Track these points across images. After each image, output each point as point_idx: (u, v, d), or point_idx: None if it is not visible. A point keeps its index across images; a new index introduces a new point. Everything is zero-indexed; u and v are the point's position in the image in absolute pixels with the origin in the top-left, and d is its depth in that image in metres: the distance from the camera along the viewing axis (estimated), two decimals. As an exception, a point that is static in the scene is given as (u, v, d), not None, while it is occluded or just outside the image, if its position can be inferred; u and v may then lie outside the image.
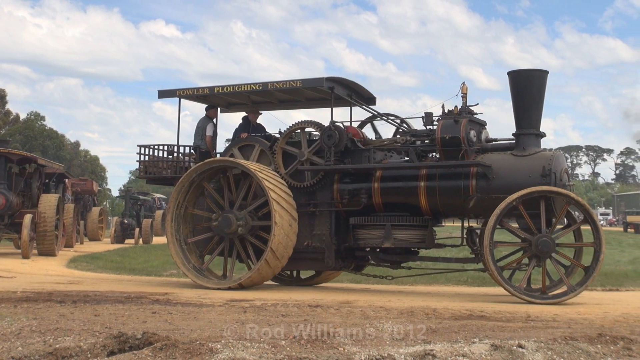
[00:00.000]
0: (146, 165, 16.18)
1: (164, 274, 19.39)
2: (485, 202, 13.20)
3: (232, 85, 15.29)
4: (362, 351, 7.06)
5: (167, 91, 16.21)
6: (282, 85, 14.84)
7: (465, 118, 13.48)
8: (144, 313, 10.25)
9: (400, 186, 14.08)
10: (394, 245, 13.75)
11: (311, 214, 14.49)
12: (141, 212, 41.15)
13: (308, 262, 14.87)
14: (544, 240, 12.43)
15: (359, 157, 14.36)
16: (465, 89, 13.79)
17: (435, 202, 13.74)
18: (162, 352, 6.90)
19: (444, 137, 13.40)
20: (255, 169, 14.06)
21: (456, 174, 13.55)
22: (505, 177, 13.20)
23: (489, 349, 7.12)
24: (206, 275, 14.72)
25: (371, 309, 11.01)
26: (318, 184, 14.47)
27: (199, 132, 16.13)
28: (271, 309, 10.94)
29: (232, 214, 14.38)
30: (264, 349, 7.05)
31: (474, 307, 11.34)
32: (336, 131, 14.20)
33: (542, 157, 13.25)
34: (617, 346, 7.45)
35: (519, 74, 13.46)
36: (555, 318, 10.17)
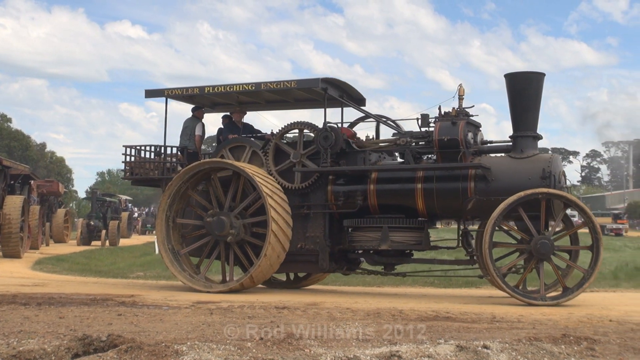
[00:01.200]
0: (132, 167, 15.77)
1: (131, 276, 19.29)
2: (484, 204, 13.18)
3: (224, 85, 15.01)
4: (328, 352, 7.06)
5: (155, 91, 15.91)
6: (276, 86, 14.62)
7: (463, 120, 13.45)
8: (109, 315, 10.18)
9: (396, 188, 13.98)
10: (391, 248, 13.66)
11: (304, 216, 14.29)
12: (108, 214, 40.88)
13: (301, 265, 14.74)
14: (544, 242, 12.46)
15: (354, 158, 14.24)
16: (462, 90, 13.72)
17: (432, 204, 13.67)
18: (127, 354, 6.86)
19: (442, 139, 13.32)
20: (253, 173, 13.82)
21: (454, 176, 13.50)
22: (504, 179, 13.20)
23: (454, 350, 7.15)
24: (199, 279, 14.48)
25: (338, 310, 11.02)
26: (312, 185, 14.29)
27: (186, 132, 15.77)
28: (238, 310, 10.92)
29: (227, 217, 14.17)
30: (229, 351, 7.04)
31: (440, 308, 11.38)
32: (332, 132, 14.04)
33: (541, 159, 13.30)
34: (580, 346, 7.52)
35: (516, 76, 13.47)
36: (520, 319, 10.23)
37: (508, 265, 13.16)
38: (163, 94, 15.56)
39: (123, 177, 16.42)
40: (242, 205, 14.25)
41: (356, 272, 15.13)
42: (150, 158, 15.79)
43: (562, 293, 12.53)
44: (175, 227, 14.77)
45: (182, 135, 15.82)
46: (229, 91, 15.02)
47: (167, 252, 14.54)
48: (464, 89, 13.76)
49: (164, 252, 14.53)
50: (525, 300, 12.37)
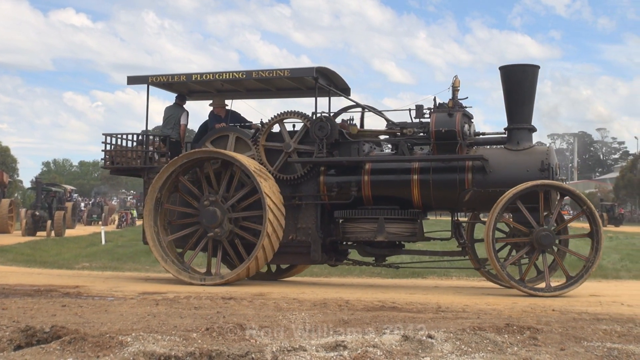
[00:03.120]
0: (112, 156, 15.22)
1: (76, 266, 19.08)
2: (481, 195, 13.26)
3: (212, 73, 14.68)
4: (274, 343, 7.07)
5: (137, 77, 15.50)
6: (268, 74, 14.45)
7: (459, 111, 13.42)
8: (53, 306, 10.08)
9: (391, 179, 13.89)
10: (387, 239, 13.60)
11: (296, 207, 14.09)
12: (53, 204, 40.34)
13: (293, 256, 14.49)
14: (545, 234, 12.54)
15: (347, 149, 14.02)
16: (457, 82, 13.68)
17: (428, 195, 13.63)
18: (70, 345, 6.81)
19: (440, 130, 13.27)
20: (249, 164, 13.61)
21: (451, 168, 13.50)
22: (501, 171, 13.25)
23: (399, 340, 7.20)
24: (188, 271, 14.14)
25: (284, 300, 11.03)
26: (304, 176, 14.09)
27: (170, 120, 15.37)
28: (184, 301, 10.87)
29: (219, 210, 13.89)
30: (174, 342, 7.01)
31: (386, 299, 11.45)
32: (327, 122, 13.85)
33: (538, 151, 13.42)
34: (523, 336, 7.62)
35: (511, 69, 13.52)
36: (465, 309, 10.35)
37: (512, 259, 13.13)
38: (147, 80, 15.11)
39: (103, 166, 15.87)
40: (238, 196, 13.97)
41: (345, 264, 14.96)
42: (134, 147, 15.26)
43: (566, 282, 12.57)
44: (163, 216, 14.34)
45: (166, 123, 15.43)
46: (218, 79, 14.73)
47: (155, 244, 14.14)
48: (459, 81, 13.71)
49: (152, 244, 14.11)
50: (528, 291, 12.40)
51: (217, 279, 13.79)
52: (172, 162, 14.08)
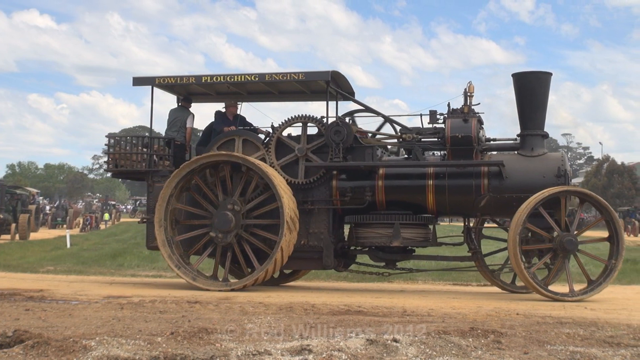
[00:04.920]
0: (116, 158, 14.76)
1: (41, 270, 18.92)
2: (497, 201, 13.28)
3: (224, 75, 14.39)
4: (239, 347, 7.07)
5: (143, 78, 15.06)
6: (282, 77, 14.18)
7: (474, 117, 13.41)
8: (16, 310, 10.00)
9: (406, 184, 13.82)
10: (402, 245, 13.53)
11: (307, 212, 13.87)
12: (18, 207, 39.96)
13: (305, 262, 14.19)
14: (569, 239, 12.55)
15: (361, 154, 13.91)
16: (472, 88, 13.63)
17: (443, 201, 13.60)
18: (33, 350, 6.76)
19: (456, 135, 13.29)
20: (265, 167, 13.44)
21: (467, 173, 13.50)
22: (517, 176, 13.27)
23: (364, 344, 7.23)
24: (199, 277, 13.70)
25: (250, 304, 11.01)
26: (317, 180, 13.90)
27: (175, 123, 15.01)
28: (149, 305, 10.82)
29: (230, 212, 13.58)
30: (139, 346, 6.99)
31: (352, 302, 11.46)
32: (344, 127, 13.73)
33: (553, 157, 13.48)
34: (487, 339, 7.67)
35: (524, 76, 13.57)
36: (430, 313, 10.38)
37: (537, 265, 12.96)
38: (153, 81, 14.76)
39: (106, 169, 15.41)
40: (257, 200, 13.69)
41: (352, 270, 14.85)
42: (139, 149, 14.88)
43: (588, 287, 12.59)
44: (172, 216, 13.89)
45: (171, 126, 15.06)
46: (229, 81, 14.41)
47: (167, 249, 13.70)
48: (473, 87, 13.66)
49: (164, 250, 13.69)
50: (551, 296, 12.41)
51: (235, 284, 13.50)
52: (191, 163, 13.73)
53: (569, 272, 12.76)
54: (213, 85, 14.98)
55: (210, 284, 13.51)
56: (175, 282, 15.73)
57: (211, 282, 13.66)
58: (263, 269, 13.27)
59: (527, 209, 12.41)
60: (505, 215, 14.04)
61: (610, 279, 12.56)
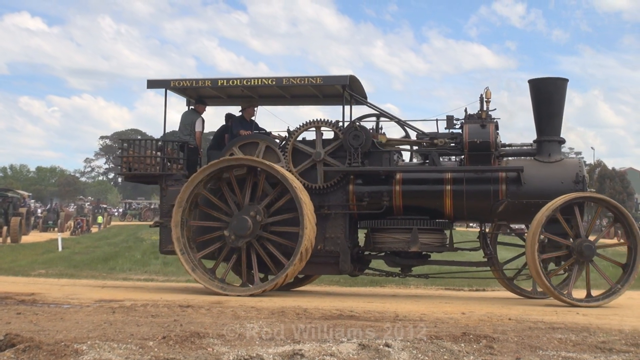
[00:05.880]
0: (130, 162, 14.64)
1: (32, 273, 18.87)
2: (515, 206, 13.27)
3: (240, 78, 14.38)
4: (231, 351, 7.06)
5: (157, 81, 14.94)
6: (299, 81, 14.10)
7: (492, 122, 13.42)
8: (8, 314, 9.97)
9: (424, 189, 13.79)
10: (420, 250, 13.51)
11: (324, 217, 13.78)
12: (9, 210, 39.86)
13: (321, 267, 14.11)
14: (587, 245, 12.56)
15: (378, 158, 13.86)
16: (489, 93, 13.61)
17: (461, 206, 13.57)
18: (25, 353, 6.74)
19: (474, 141, 13.31)
20: (296, 184, 13.29)
21: (485, 178, 13.50)
22: (536, 182, 13.28)
23: (356, 349, 7.23)
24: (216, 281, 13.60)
25: (242, 309, 10.99)
26: (333, 185, 13.84)
27: (186, 127, 14.89)
28: (141, 309, 10.80)
29: (246, 215, 13.46)
30: (131, 350, 6.97)
31: (345, 307, 11.45)
32: (362, 132, 13.69)
33: (571, 163, 13.54)
34: (480, 344, 7.68)
35: (541, 82, 13.59)
36: (422, 317, 10.38)
37: (556, 270, 13.05)
38: (167, 85, 14.62)
39: (119, 172, 15.26)
40: (277, 205, 13.60)
41: (372, 275, 14.78)
42: (152, 153, 14.75)
43: (606, 292, 12.59)
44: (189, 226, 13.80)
45: (182, 129, 14.95)
46: (246, 85, 14.39)
47: (184, 253, 13.59)
48: (490, 92, 13.64)
49: (180, 253, 13.56)
50: (570, 302, 12.40)
51: (242, 290, 13.38)
52: (211, 166, 13.61)
53: (588, 278, 12.79)
54: (225, 89, 14.94)
55: (229, 289, 13.47)
56: (167, 286, 15.73)
57: (229, 287, 13.62)
58: (283, 273, 13.23)
59: (546, 215, 12.44)
60: (522, 221, 14.14)
61: (629, 283, 12.61)
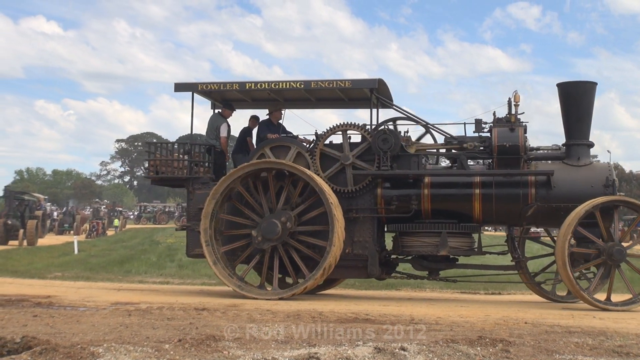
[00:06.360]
0: (157, 165, 14.61)
1: (48, 276, 18.94)
2: (545, 210, 13.25)
3: (268, 82, 14.31)
4: (247, 354, 7.07)
5: (185, 84, 14.88)
6: (328, 85, 14.08)
7: (521, 126, 13.39)
8: (24, 316, 10.00)
9: (453, 193, 13.74)
10: (449, 254, 13.50)
11: (352, 220, 13.73)
12: (26, 213, 40.05)
13: (349, 271, 14.01)
14: (618, 249, 12.54)
15: (407, 162, 13.80)
16: (517, 97, 13.58)
17: (490, 210, 13.54)
18: (41, 356, 6.76)
19: (504, 145, 13.30)
20: (328, 191, 13.26)
21: (514, 182, 13.46)
22: (565, 186, 13.26)
23: (372, 352, 7.21)
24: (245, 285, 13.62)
25: (258, 312, 10.99)
26: (361, 189, 13.76)
27: (212, 131, 14.93)
28: (156, 312, 10.81)
29: (277, 219, 13.42)
30: (147, 353, 6.98)
31: (360, 310, 11.44)
32: (391, 135, 13.65)
33: (600, 167, 13.48)
34: (496, 348, 7.65)
35: (570, 85, 13.58)
36: (438, 321, 10.35)
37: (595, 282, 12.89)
38: (194, 88, 14.66)
39: (146, 175, 15.23)
40: (309, 215, 13.57)
41: (400, 278, 14.74)
42: (179, 156, 14.70)
43: (635, 296, 12.56)
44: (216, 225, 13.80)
45: (208, 133, 15.00)
46: (274, 88, 14.35)
47: (213, 258, 13.57)
48: (519, 96, 13.62)
49: (211, 259, 13.57)
50: (600, 306, 12.37)
51: (272, 294, 13.36)
52: (252, 164, 13.63)
53: (611, 282, 12.70)
54: (250, 92, 14.93)
55: (246, 289, 13.47)
56: (182, 289, 15.75)
57: (247, 286, 13.60)
58: (302, 285, 13.27)
59: (576, 218, 12.41)
60: (551, 224, 14.03)
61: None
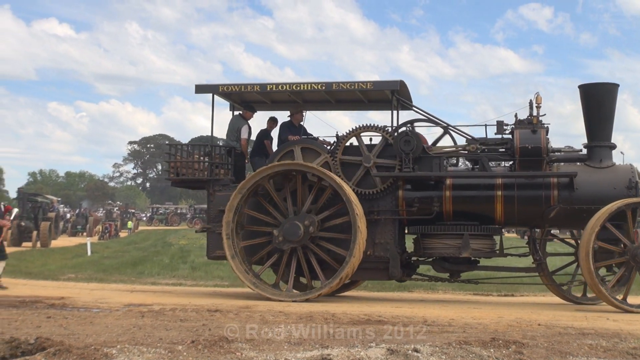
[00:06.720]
0: (178, 167, 14.58)
1: (62, 277, 19.00)
2: (567, 212, 13.19)
3: (290, 83, 14.23)
4: (260, 356, 7.07)
5: (205, 86, 14.89)
6: (350, 86, 14.03)
7: (543, 128, 13.33)
8: (38, 318, 10.04)
9: (474, 195, 13.68)
10: (471, 255, 13.45)
11: (373, 222, 13.66)
12: (39, 215, 40.16)
13: (370, 273, 13.99)
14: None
15: (428, 164, 13.70)
16: (539, 99, 13.51)
17: (512, 212, 13.47)
18: (55, 357, 6.78)
19: (526, 146, 13.23)
20: (350, 193, 13.22)
21: (536, 184, 13.40)
22: (588, 188, 13.19)
23: (385, 353, 7.21)
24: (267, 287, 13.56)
25: (270, 313, 10.99)
26: (383, 191, 13.67)
27: (233, 132, 14.84)
28: (169, 313, 10.83)
29: (300, 222, 13.39)
30: (160, 354, 6.99)
31: (372, 312, 11.43)
32: (413, 137, 13.55)
33: (623, 169, 13.43)
34: (509, 350, 7.63)
35: (593, 87, 13.54)
36: (451, 323, 10.33)
37: (614, 279, 12.79)
38: (217, 90, 14.54)
39: (167, 177, 15.21)
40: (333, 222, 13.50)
41: (421, 280, 14.64)
42: (200, 158, 14.72)
43: None
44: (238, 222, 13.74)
45: (229, 135, 14.92)
46: (295, 90, 14.27)
47: (234, 259, 13.54)
48: (541, 98, 13.55)
49: (232, 260, 13.54)
50: (626, 308, 12.33)
51: (297, 296, 13.36)
52: (281, 164, 13.62)
53: (631, 283, 12.70)
54: (270, 94, 14.90)
55: (260, 287, 13.47)
56: (195, 290, 15.77)
57: (262, 284, 13.58)
58: (317, 291, 13.25)
59: (600, 220, 12.35)
60: (573, 226, 14.05)
61: None
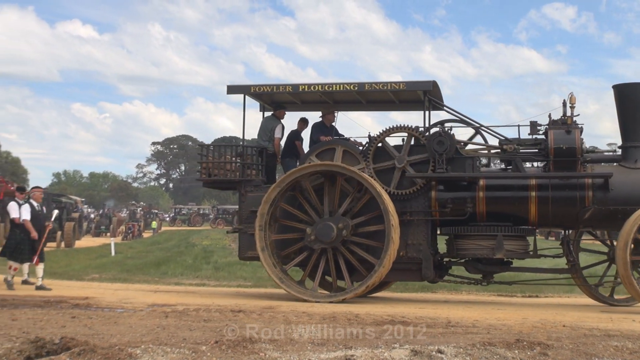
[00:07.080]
0: (210, 167, 14.60)
1: (86, 278, 19.11)
2: (602, 213, 13.12)
3: (322, 84, 14.25)
4: (283, 356, 7.06)
5: (237, 87, 14.92)
6: (382, 87, 14.01)
7: (577, 128, 13.28)
8: (63, 318, 10.09)
9: (508, 196, 13.59)
10: (505, 257, 13.42)
11: (406, 223, 13.62)
12: (63, 215, 40.40)
13: (403, 274, 13.96)
14: None
15: (461, 164, 13.64)
16: (573, 99, 13.45)
17: (546, 213, 13.39)
18: (80, 357, 6.81)
19: (561, 147, 13.18)
20: (385, 197, 13.19)
21: (571, 185, 13.33)
22: (623, 189, 13.11)
23: (408, 354, 7.18)
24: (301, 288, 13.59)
25: (294, 314, 10.99)
26: (416, 192, 13.63)
27: (265, 133, 14.91)
28: (193, 314, 10.85)
29: (334, 223, 13.39)
30: (184, 354, 7.00)
31: (396, 313, 11.41)
32: (447, 137, 13.54)
33: None
34: (533, 351, 7.58)
35: (626, 87, 13.46)
36: (475, 324, 10.29)
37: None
38: (249, 90, 14.61)
39: (198, 178, 15.21)
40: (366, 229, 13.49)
41: (454, 282, 14.51)
42: (232, 159, 14.70)
43: None
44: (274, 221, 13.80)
45: (261, 135, 14.97)
46: (327, 90, 14.30)
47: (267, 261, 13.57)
48: (575, 98, 13.48)
49: (266, 262, 13.57)
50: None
51: (332, 297, 13.35)
52: (321, 164, 13.61)
53: None
54: (300, 94, 14.88)
55: (286, 283, 13.48)
56: (218, 291, 15.81)
57: (288, 280, 13.58)
58: (342, 295, 13.24)
59: (638, 221, 12.27)
60: (608, 227, 13.97)
61: None
